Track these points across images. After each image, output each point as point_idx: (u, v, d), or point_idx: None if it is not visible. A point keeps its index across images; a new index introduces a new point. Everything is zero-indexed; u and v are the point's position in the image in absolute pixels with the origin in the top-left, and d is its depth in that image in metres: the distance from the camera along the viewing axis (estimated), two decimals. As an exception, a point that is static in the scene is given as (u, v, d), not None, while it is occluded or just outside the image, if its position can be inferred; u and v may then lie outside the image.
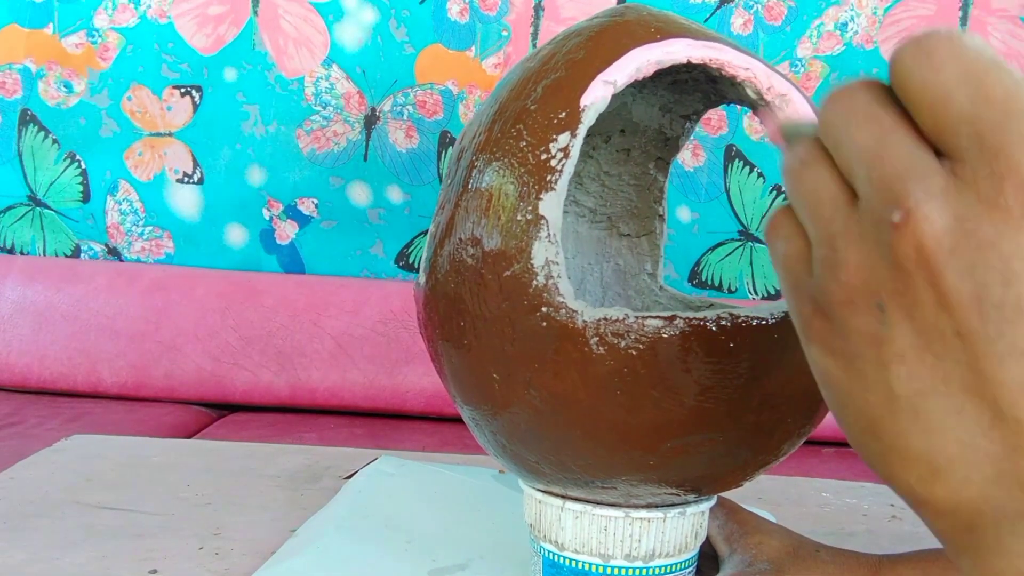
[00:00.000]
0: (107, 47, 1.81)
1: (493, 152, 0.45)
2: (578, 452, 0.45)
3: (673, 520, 0.50)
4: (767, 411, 0.44)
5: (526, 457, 0.48)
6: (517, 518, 0.71)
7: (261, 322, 1.73)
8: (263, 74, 1.81)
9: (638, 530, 0.49)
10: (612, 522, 0.49)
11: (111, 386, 1.72)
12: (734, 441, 0.45)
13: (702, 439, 0.44)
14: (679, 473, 0.46)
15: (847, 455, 1.66)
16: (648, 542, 0.50)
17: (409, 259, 1.86)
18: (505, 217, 0.43)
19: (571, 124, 0.43)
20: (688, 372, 0.42)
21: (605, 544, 0.50)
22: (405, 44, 1.80)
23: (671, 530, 0.50)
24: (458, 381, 0.48)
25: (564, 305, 0.42)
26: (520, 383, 0.44)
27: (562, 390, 0.43)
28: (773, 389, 0.44)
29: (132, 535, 0.69)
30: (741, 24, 1.78)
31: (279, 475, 0.84)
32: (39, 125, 1.84)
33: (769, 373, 0.43)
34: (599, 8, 2.03)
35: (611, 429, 0.43)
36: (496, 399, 0.46)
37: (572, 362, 0.42)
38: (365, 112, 1.82)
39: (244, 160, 1.83)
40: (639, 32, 0.45)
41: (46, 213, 1.86)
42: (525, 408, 0.44)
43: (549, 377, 0.43)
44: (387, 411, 1.73)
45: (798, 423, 0.46)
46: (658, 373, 0.42)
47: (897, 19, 1.78)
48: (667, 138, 0.60)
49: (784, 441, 0.47)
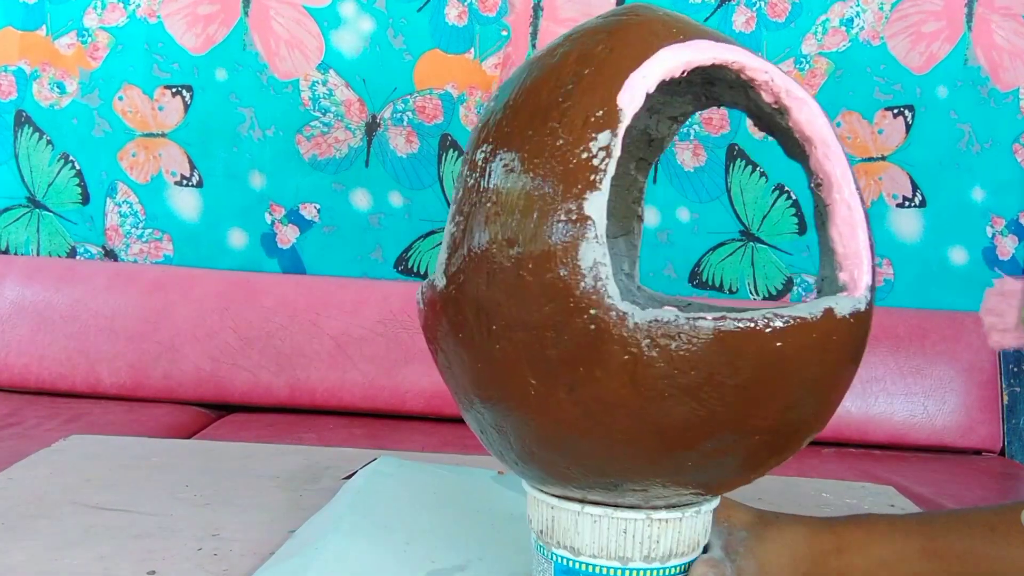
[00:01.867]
0: (97, 47, 1.82)
1: (523, 150, 0.44)
2: (616, 456, 0.45)
3: (689, 520, 0.50)
4: (795, 410, 0.45)
5: (556, 462, 0.46)
6: (516, 519, 0.71)
7: (260, 322, 1.73)
8: (255, 76, 1.81)
9: (657, 531, 0.49)
10: (632, 524, 0.49)
11: (110, 386, 1.72)
12: (766, 440, 0.45)
13: (739, 439, 0.44)
14: (712, 473, 0.46)
15: (847, 455, 1.66)
16: (666, 542, 0.50)
17: (408, 263, 1.86)
18: (546, 218, 0.42)
19: (610, 123, 0.42)
20: (737, 372, 0.42)
21: (624, 547, 0.49)
22: (403, 52, 1.80)
23: (687, 529, 0.50)
24: (482, 388, 0.46)
25: (614, 307, 0.41)
26: (561, 388, 0.43)
27: (608, 394, 0.42)
28: (804, 388, 0.44)
29: (131, 535, 0.68)
30: (743, 22, 1.78)
31: (278, 475, 0.84)
32: (34, 126, 1.84)
33: (803, 371, 0.43)
34: (598, 8, 2.02)
35: (656, 432, 0.43)
36: (530, 405, 0.44)
37: (621, 365, 0.41)
38: (366, 119, 1.82)
39: (243, 164, 1.83)
40: (662, 32, 0.45)
41: (44, 215, 1.86)
42: (564, 413, 0.43)
43: (595, 381, 0.42)
44: (386, 411, 1.73)
45: (816, 422, 0.47)
46: (708, 373, 0.42)
47: (905, 14, 1.78)
48: (651, 139, 0.59)
49: (804, 438, 0.47)
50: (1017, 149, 1.79)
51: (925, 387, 1.72)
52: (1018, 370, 1.76)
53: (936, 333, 1.75)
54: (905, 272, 1.82)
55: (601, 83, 0.43)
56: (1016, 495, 1.56)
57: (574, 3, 1.78)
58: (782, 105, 0.46)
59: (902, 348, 1.73)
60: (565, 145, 0.42)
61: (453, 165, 1.83)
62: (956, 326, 1.75)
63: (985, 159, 1.80)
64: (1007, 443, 1.73)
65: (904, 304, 1.80)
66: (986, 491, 1.54)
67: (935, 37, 1.78)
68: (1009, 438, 1.74)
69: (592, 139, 0.42)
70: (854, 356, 0.46)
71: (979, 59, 1.78)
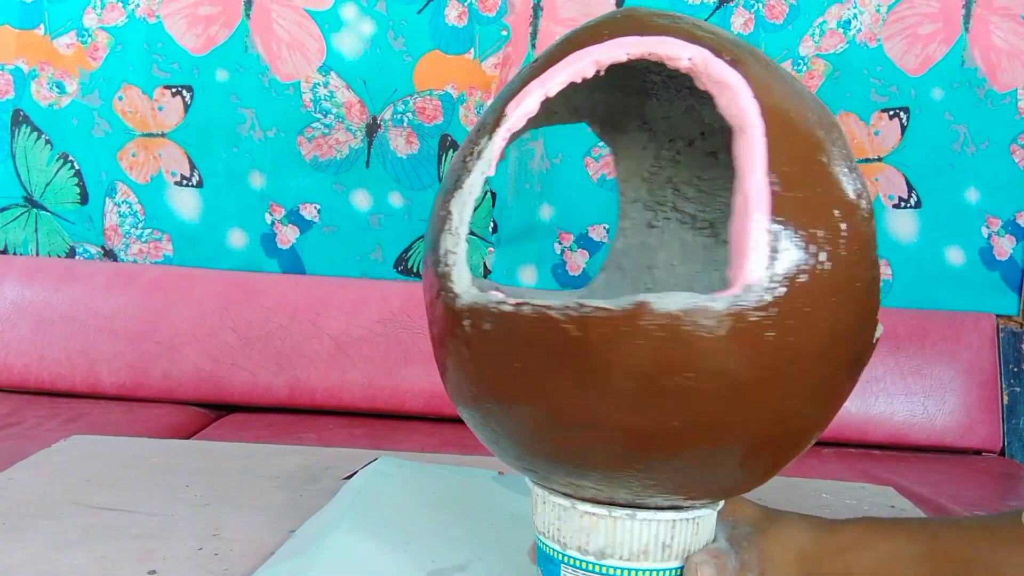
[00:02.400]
0: (96, 47, 1.82)
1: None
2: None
3: (707, 517, 0.51)
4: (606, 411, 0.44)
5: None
6: (516, 519, 0.71)
7: (260, 322, 1.73)
8: (257, 77, 1.81)
9: (681, 531, 0.50)
10: (651, 525, 0.49)
11: (110, 387, 1.72)
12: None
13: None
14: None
15: (847, 456, 1.66)
16: (682, 542, 0.50)
17: (408, 264, 1.86)
18: (434, 214, 0.49)
19: (493, 128, 0.46)
20: (533, 356, 0.45)
21: (642, 545, 0.49)
22: (404, 54, 1.80)
23: (705, 527, 0.51)
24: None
25: (451, 290, 0.46)
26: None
27: (452, 365, 0.48)
28: (619, 389, 0.44)
29: (131, 536, 0.68)
30: (742, 23, 1.78)
31: (278, 476, 0.84)
32: (32, 126, 1.84)
33: (620, 366, 0.44)
34: (597, 8, 2.02)
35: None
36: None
37: (454, 342, 0.46)
38: (367, 121, 1.82)
39: (243, 164, 1.83)
40: (590, 34, 0.46)
41: (42, 215, 1.86)
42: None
43: (446, 353, 0.47)
44: (386, 412, 1.73)
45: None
46: (517, 354, 0.44)
47: (901, 16, 1.78)
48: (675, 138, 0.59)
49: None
50: (1015, 150, 1.80)
51: (925, 387, 1.72)
52: (1018, 370, 1.76)
53: (936, 333, 1.75)
54: (903, 272, 1.82)
55: (513, 91, 0.47)
56: (1016, 495, 1.56)
57: (574, 3, 1.78)
58: (708, 91, 0.43)
59: (902, 348, 1.73)
60: (470, 146, 0.48)
61: (452, 165, 1.83)
62: (956, 326, 1.76)
63: (980, 160, 1.80)
64: (1007, 443, 1.73)
65: (903, 304, 1.80)
66: (986, 491, 1.54)
67: (931, 39, 1.78)
68: (1009, 438, 1.74)
69: (475, 143, 0.47)
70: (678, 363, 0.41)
71: (976, 60, 1.78)
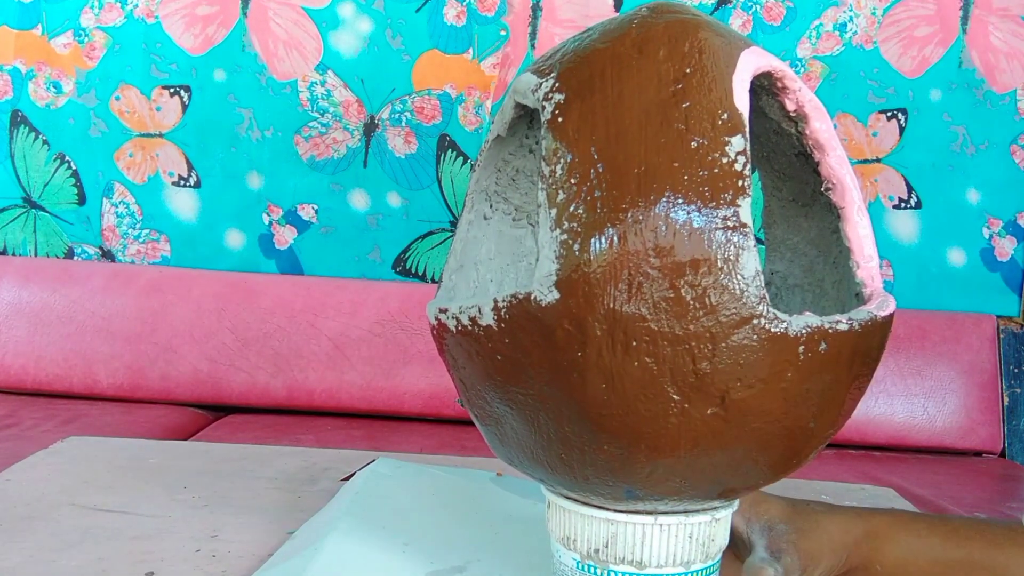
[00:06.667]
0: (93, 46, 1.81)
1: (646, 153, 0.41)
2: (742, 465, 0.44)
3: (726, 514, 0.50)
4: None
5: (668, 480, 0.44)
6: (514, 520, 0.71)
7: (258, 323, 1.73)
8: (254, 76, 1.81)
9: (713, 529, 0.49)
10: (698, 528, 0.48)
11: (107, 388, 1.72)
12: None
13: (831, 434, 0.46)
14: (795, 469, 0.47)
15: (847, 456, 1.65)
16: (720, 539, 0.50)
17: (406, 264, 1.85)
18: (701, 225, 0.40)
19: (737, 126, 0.41)
20: (868, 363, 0.45)
21: (689, 550, 0.48)
22: (402, 52, 1.80)
23: (725, 522, 0.50)
24: (602, 410, 0.42)
25: (776, 316, 0.40)
26: (710, 400, 0.41)
27: (759, 403, 0.41)
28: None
29: (129, 537, 0.68)
30: (739, 25, 1.78)
31: (276, 477, 0.84)
32: (29, 126, 1.83)
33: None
34: (596, 9, 2.00)
35: (786, 435, 0.43)
36: (666, 423, 0.42)
37: (777, 374, 0.41)
38: (364, 120, 1.82)
39: (241, 164, 1.83)
40: (729, 35, 0.44)
41: (40, 215, 1.85)
42: (704, 428, 0.42)
43: (750, 391, 0.41)
44: (384, 413, 1.73)
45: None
46: (844, 370, 0.43)
47: (897, 19, 1.78)
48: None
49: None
50: (1015, 150, 1.79)
51: (925, 388, 1.72)
52: (1018, 371, 1.76)
53: (936, 334, 1.75)
54: (904, 273, 1.82)
55: (711, 85, 0.42)
56: (1017, 497, 1.56)
57: (572, 3, 1.78)
58: (802, 113, 0.47)
59: (902, 349, 1.73)
60: (700, 148, 0.40)
61: (451, 165, 1.83)
62: (956, 327, 1.75)
63: (980, 161, 1.80)
64: (1007, 444, 1.73)
65: (904, 305, 1.79)
66: (986, 492, 1.54)
67: (927, 41, 1.78)
68: (1009, 439, 1.74)
69: (727, 143, 0.41)
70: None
71: (974, 61, 1.78)
